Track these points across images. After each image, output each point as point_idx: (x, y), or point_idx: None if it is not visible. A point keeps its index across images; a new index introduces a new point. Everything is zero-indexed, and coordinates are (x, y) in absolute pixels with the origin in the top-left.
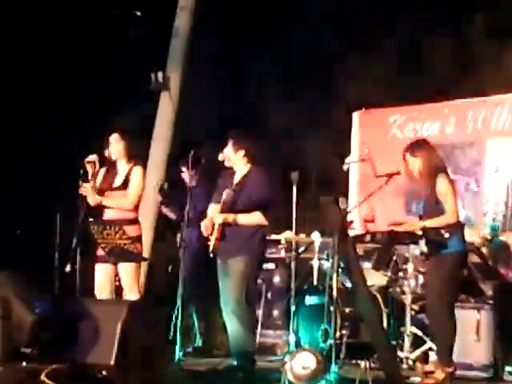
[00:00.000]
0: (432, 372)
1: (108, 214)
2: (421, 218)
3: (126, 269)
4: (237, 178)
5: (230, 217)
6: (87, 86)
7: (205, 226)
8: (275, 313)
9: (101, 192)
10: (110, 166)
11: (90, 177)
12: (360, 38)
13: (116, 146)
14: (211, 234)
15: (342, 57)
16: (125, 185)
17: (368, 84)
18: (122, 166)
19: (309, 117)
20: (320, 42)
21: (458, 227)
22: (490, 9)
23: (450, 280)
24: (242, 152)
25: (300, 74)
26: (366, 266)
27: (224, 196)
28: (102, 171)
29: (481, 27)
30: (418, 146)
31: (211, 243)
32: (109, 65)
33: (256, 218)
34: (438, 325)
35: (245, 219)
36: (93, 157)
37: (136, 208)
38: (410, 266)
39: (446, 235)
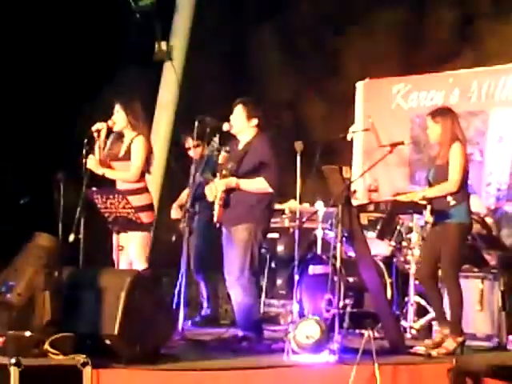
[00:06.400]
0: (437, 346)
1: (118, 185)
2: (430, 186)
3: (132, 239)
4: (241, 145)
5: (233, 181)
6: (90, 56)
7: (209, 188)
8: (279, 282)
9: (105, 163)
10: (117, 135)
11: (95, 145)
12: (362, 8)
13: (120, 116)
14: (215, 197)
15: (344, 27)
16: (127, 156)
17: (371, 54)
18: (127, 136)
19: (312, 88)
20: (322, 13)
21: (465, 197)
22: None
23: (459, 249)
24: (256, 121)
25: (302, 45)
26: (370, 235)
27: (220, 159)
28: (110, 139)
29: None
30: (441, 112)
31: (215, 212)
32: (113, 34)
33: (259, 183)
34: (451, 294)
35: (247, 184)
36: (100, 125)
37: (142, 176)
38: (414, 236)
39: (452, 202)
